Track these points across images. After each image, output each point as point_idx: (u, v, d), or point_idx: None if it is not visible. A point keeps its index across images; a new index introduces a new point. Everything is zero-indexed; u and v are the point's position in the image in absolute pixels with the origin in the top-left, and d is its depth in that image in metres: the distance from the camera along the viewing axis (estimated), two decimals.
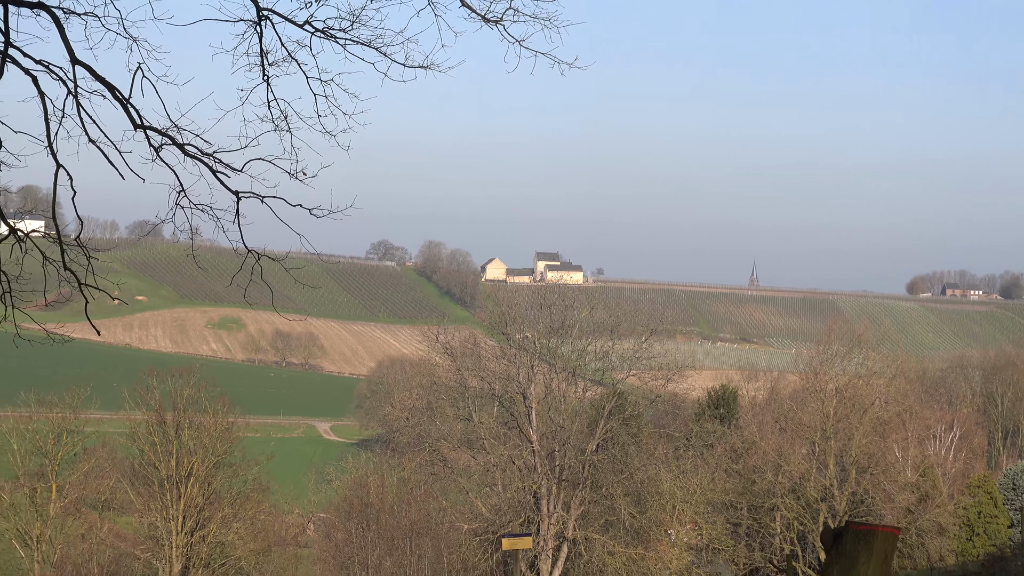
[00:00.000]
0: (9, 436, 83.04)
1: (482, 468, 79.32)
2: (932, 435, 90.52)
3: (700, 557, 78.06)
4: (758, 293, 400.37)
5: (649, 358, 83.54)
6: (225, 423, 78.43)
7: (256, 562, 76.78)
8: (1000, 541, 72.88)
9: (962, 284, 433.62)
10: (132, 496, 78.34)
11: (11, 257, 13.67)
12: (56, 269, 13.79)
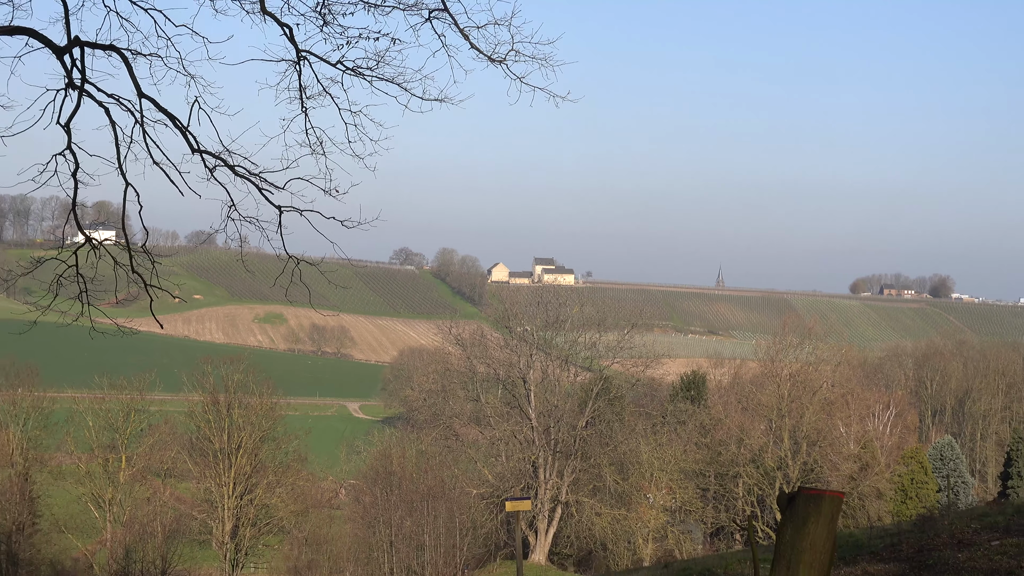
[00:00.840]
0: (85, 414, 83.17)
1: (488, 442, 79.39)
2: (871, 413, 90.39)
3: (674, 517, 78.04)
4: (723, 293, 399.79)
5: (630, 348, 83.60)
6: (269, 403, 78.51)
7: (295, 521, 76.83)
8: (929, 504, 72.70)
9: (897, 285, 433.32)
10: (190, 465, 78.37)
11: (87, 262, 13.69)
12: (125, 272, 13.80)
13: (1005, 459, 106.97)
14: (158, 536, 71.45)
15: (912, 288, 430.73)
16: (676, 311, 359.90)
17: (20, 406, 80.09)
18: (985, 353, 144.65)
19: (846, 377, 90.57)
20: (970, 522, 22.49)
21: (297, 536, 76.14)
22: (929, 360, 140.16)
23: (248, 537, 75.25)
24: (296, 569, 73.94)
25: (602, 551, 76.00)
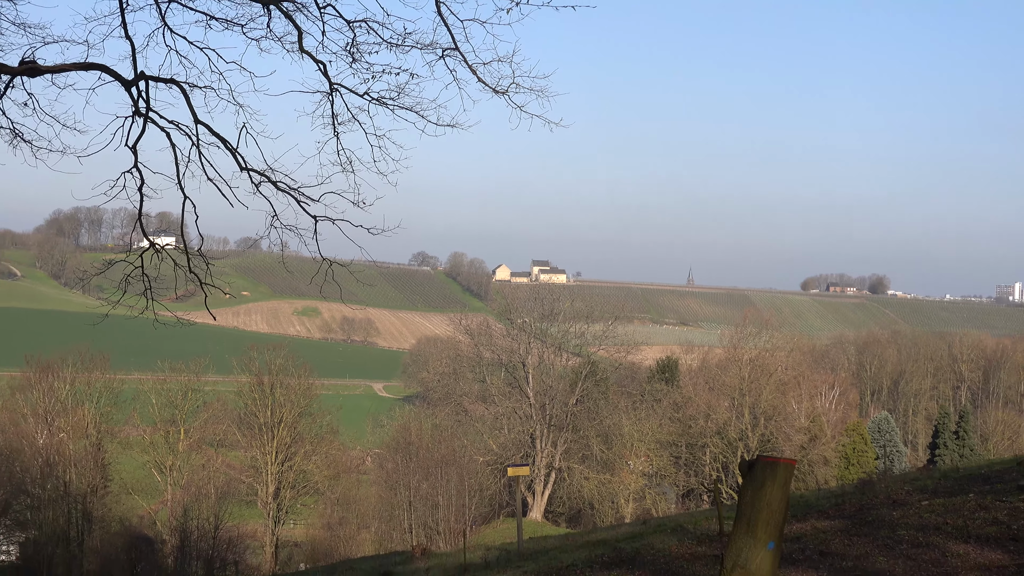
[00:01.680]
0: (149, 393, 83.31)
1: (493, 416, 79.51)
2: (819, 393, 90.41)
3: (651, 481, 78.18)
4: (693, 290, 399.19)
5: (614, 337, 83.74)
6: (306, 384, 78.53)
7: (328, 484, 76.89)
8: (868, 469, 72.78)
9: (841, 283, 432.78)
10: (239, 437, 78.43)
11: (151, 264, 13.73)
12: (183, 272, 13.84)
13: (933, 432, 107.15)
14: (211, 497, 71.51)
15: (854, 286, 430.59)
16: (652, 305, 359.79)
17: (94, 386, 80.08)
18: (916, 341, 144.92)
19: (797, 362, 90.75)
20: (903, 485, 22.49)
21: (330, 497, 76.28)
22: (868, 347, 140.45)
23: (288, 498, 75.31)
24: (329, 525, 74.02)
25: (590, 510, 76.18)
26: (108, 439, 77.59)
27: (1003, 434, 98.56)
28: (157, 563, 69.47)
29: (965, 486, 20.73)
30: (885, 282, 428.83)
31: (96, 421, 77.13)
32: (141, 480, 78.69)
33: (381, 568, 30.33)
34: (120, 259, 13.96)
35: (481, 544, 38.92)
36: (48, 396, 77.09)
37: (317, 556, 67.68)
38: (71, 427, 75.32)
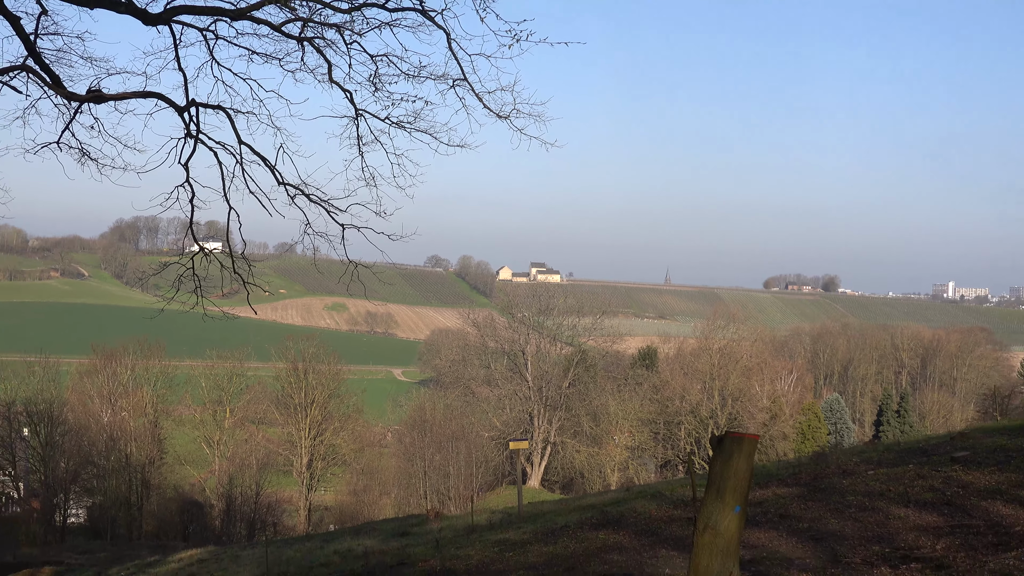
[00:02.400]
0: (199, 377, 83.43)
1: (496, 398, 79.54)
2: (779, 377, 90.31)
3: (633, 453, 78.20)
4: (670, 288, 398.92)
5: (601, 328, 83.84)
6: (334, 369, 78.64)
7: (354, 456, 76.93)
8: (821, 443, 72.71)
9: (798, 282, 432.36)
10: (276, 415, 78.46)
11: (201, 265, 13.74)
12: (229, 273, 13.85)
13: (877, 411, 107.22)
14: (253, 467, 71.59)
15: (809, 284, 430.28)
16: (635, 301, 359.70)
17: (151, 371, 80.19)
18: (863, 333, 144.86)
19: (760, 350, 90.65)
20: (852, 457, 22.50)
21: (355, 467, 76.36)
22: (821, 338, 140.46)
23: (319, 468, 75.45)
24: (355, 492, 74.10)
25: (580, 478, 76.20)
26: (163, 417, 77.78)
27: (938, 413, 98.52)
28: (206, 524, 69.64)
29: (905, 458, 20.75)
30: (836, 281, 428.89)
31: (153, 401, 77.27)
32: (192, 453, 78.84)
33: (400, 529, 30.31)
34: (174, 261, 14.01)
35: (486, 508, 38.93)
36: (111, 380, 77.19)
37: (344, 518, 67.74)
38: (131, 407, 75.42)
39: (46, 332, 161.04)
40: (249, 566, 26.23)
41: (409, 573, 18.07)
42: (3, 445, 66.90)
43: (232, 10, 12.50)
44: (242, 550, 34.08)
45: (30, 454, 68.09)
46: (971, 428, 27.05)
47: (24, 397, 69.12)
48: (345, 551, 24.96)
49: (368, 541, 27.02)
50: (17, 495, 67.61)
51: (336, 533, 36.83)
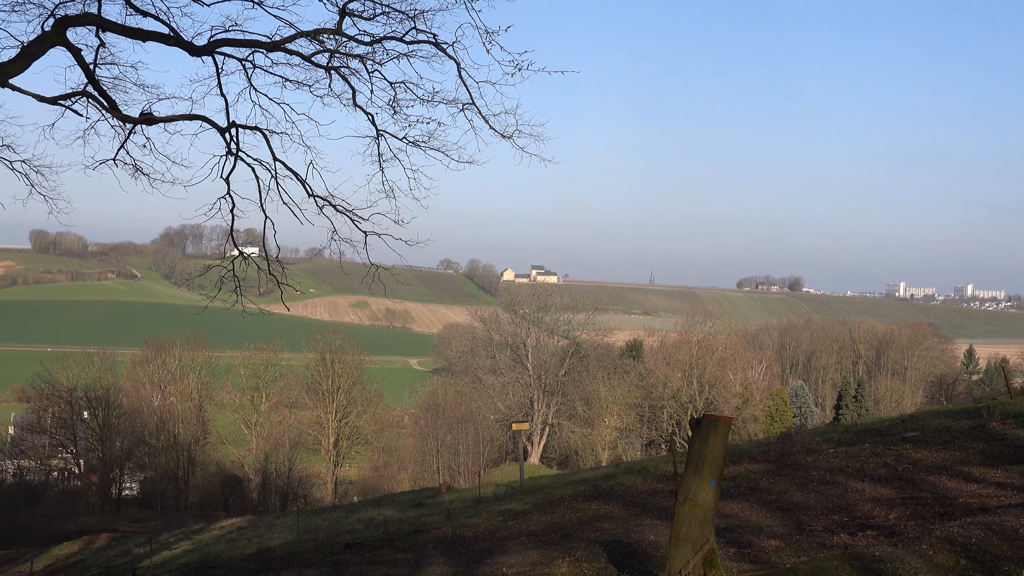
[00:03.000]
0: (239, 366, 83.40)
1: (501, 385, 79.48)
2: (750, 366, 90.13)
3: (621, 434, 78.15)
4: (654, 288, 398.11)
5: (593, 323, 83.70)
6: (358, 359, 78.61)
7: (375, 436, 76.87)
8: (788, 425, 72.57)
9: (768, 282, 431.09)
10: (307, 400, 78.46)
11: (240, 268, 13.75)
12: (265, 274, 13.87)
13: (837, 396, 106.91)
14: (286, 446, 71.63)
15: (777, 284, 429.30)
16: (623, 299, 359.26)
17: (196, 361, 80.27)
18: (824, 327, 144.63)
19: (733, 343, 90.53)
20: (814, 437, 22.49)
21: (376, 446, 76.37)
22: (788, 332, 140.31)
23: (344, 446, 75.43)
24: (376, 467, 74.13)
25: (575, 455, 76.15)
26: (207, 401, 77.83)
27: (891, 398, 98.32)
28: (244, 496, 69.70)
29: (862, 438, 20.75)
30: (801, 282, 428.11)
31: (198, 388, 77.35)
32: (232, 433, 78.90)
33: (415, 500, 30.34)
34: (216, 264, 14.01)
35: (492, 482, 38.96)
36: (161, 369, 77.31)
37: (367, 491, 67.77)
38: (179, 393, 75.53)
39: (103, 327, 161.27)
40: (283, 533, 26.27)
41: (424, 539, 18.07)
42: (66, 426, 67.00)
43: (268, 42, 12.54)
44: (276, 519, 34.12)
45: (89, 434, 68.20)
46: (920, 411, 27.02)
47: (84, 384, 69.27)
48: (367, 520, 25.00)
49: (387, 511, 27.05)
50: (78, 470, 67.71)
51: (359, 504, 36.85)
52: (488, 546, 16.02)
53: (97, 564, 27.74)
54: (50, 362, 72.35)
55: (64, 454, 67.49)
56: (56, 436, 66.79)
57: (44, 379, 69.56)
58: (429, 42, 12.58)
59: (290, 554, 19.65)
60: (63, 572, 26.92)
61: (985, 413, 20.31)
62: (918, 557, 10.14)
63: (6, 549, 39.45)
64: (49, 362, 72.39)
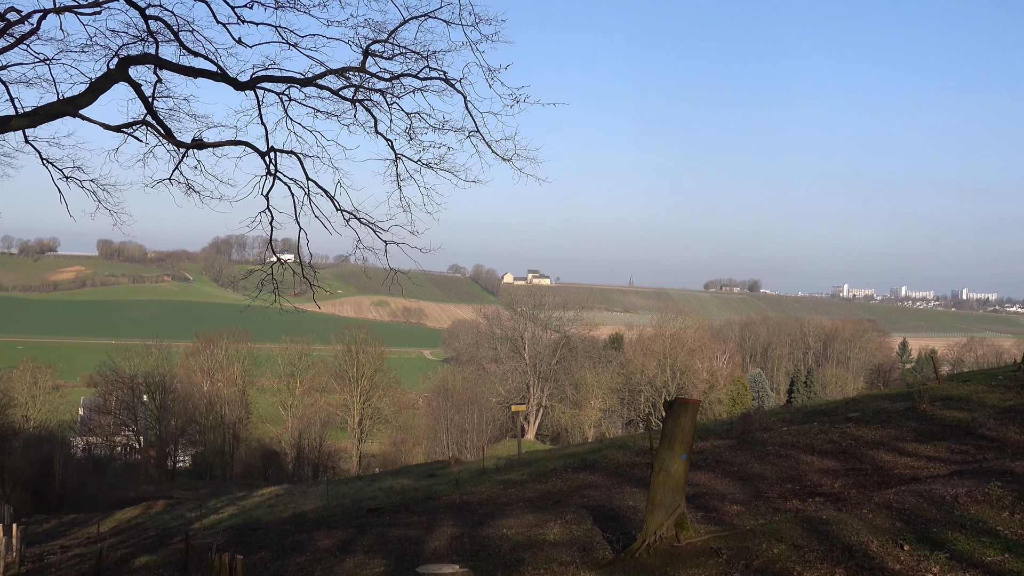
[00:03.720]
0: (277, 356, 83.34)
1: (501, 372, 79.49)
2: (715, 356, 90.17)
3: (605, 414, 78.16)
4: (633, 289, 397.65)
5: (581, 320, 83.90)
6: (379, 350, 78.60)
7: (394, 416, 76.69)
8: (747, 407, 72.59)
9: (730, 284, 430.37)
10: (335, 385, 78.40)
11: (278, 272, 13.76)
12: (298, 277, 13.88)
13: (790, 382, 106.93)
14: (317, 425, 71.72)
15: (738, 286, 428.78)
16: (606, 299, 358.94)
17: (240, 352, 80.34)
18: (779, 323, 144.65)
19: (701, 336, 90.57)
20: (770, 417, 22.49)
21: (395, 424, 76.29)
22: (747, 327, 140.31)
23: (367, 425, 75.37)
24: (394, 443, 74.06)
25: (565, 433, 76.12)
26: (249, 386, 77.84)
27: (836, 384, 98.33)
28: (281, 468, 69.69)
29: (811, 417, 20.75)
30: (759, 284, 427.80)
31: (242, 375, 77.38)
32: (271, 414, 78.93)
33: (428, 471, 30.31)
34: (257, 269, 14.05)
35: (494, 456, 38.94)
36: (210, 358, 77.30)
37: (386, 463, 67.83)
38: (225, 379, 75.49)
39: (160, 323, 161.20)
40: (314, 499, 26.23)
41: (435, 505, 18.06)
42: (128, 408, 67.00)
43: (301, 79, 12.59)
44: (309, 487, 34.09)
45: (148, 415, 68.21)
46: (861, 395, 27.02)
47: (144, 372, 69.27)
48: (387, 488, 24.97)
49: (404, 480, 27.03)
50: (138, 446, 67.71)
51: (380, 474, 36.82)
52: (491, 511, 16.03)
53: (155, 526, 27.71)
54: (114, 353, 72.39)
55: (126, 432, 67.50)
56: (119, 416, 66.81)
57: (109, 367, 69.60)
58: (440, 78, 12.63)
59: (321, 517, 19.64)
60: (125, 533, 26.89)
61: (917, 396, 20.32)
62: (859, 520, 10.15)
63: (77, 512, 39.43)
64: (114, 353, 72.43)
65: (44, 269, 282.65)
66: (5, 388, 61.20)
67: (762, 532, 10.24)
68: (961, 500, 10.48)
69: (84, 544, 24.89)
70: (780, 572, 8.90)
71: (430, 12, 11.91)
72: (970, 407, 17.99)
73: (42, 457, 50.61)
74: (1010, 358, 59.30)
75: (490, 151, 12.99)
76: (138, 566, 17.56)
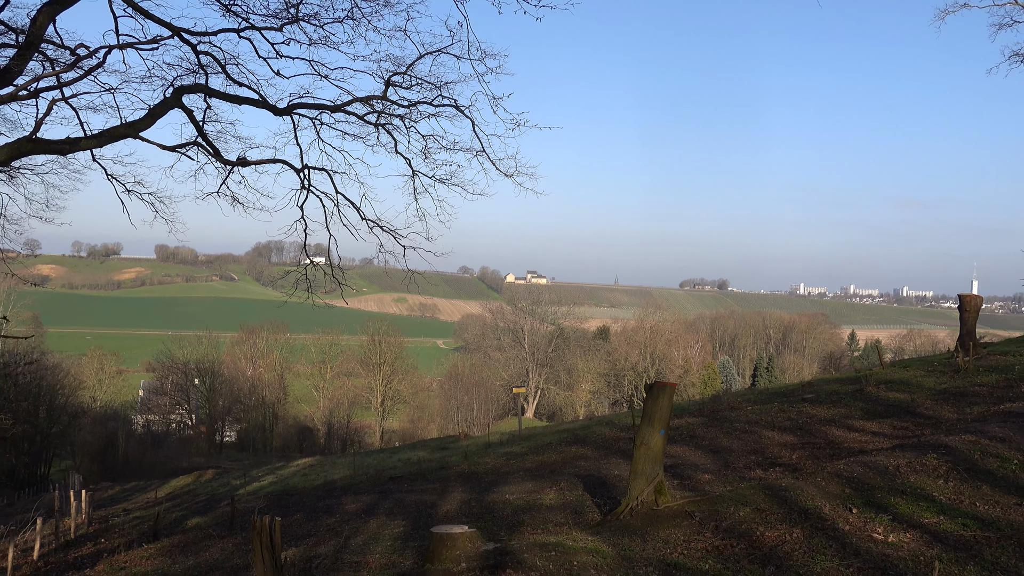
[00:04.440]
0: (310, 345, 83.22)
1: (504, 359, 79.34)
2: (689, 346, 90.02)
3: (593, 396, 78.07)
4: (618, 287, 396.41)
5: (573, 314, 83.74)
6: (398, 340, 78.44)
7: (412, 397, 76.54)
8: (717, 389, 72.50)
9: (702, 283, 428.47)
10: (360, 370, 78.27)
11: (311, 273, 13.76)
12: (328, 277, 13.88)
13: (754, 368, 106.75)
14: (345, 405, 71.70)
15: (710, 285, 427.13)
16: (595, 296, 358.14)
17: (279, 341, 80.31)
18: (744, 317, 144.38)
19: (676, 328, 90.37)
20: (737, 398, 22.46)
21: (412, 404, 76.22)
22: (717, 320, 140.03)
23: (388, 405, 75.26)
24: (412, 420, 73.98)
25: (559, 411, 75.98)
26: (286, 371, 77.83)
27: (793, 369, 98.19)
28: (314, 442, 69.75)
29: (772, 399, 20.73)
30: (727, 282, 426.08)
31: (280, 361, 77.39)
32: (305, 395, 78.94)
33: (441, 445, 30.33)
34: (293, 270, 14.03)
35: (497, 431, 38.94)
36: (252, 347, 77.30)
37: (405, 437, 67.86)
38: (265, 365, 75.51)
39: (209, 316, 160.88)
40: (342, 469, 26.25)
41: (447, 474, 18.07)
42: (181, 390, 67.09)
43: (331, 105, 12.60)
44: (338, 458, 34.11)
45: (199, 396, 68.29)
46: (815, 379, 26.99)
47: (195, 359, 69.33)
48: (406, 459, 24.98)
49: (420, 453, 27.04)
50: (190, 423, 67.82)
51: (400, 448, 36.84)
52: (495, 479, 16.03)
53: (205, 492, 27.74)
54: (170, 343, 72.44)
55: (180, 410, 67.61)
56: (174, 397, 66.91)
57: (165, 355, 69.67)
58: (451, 105, 12.60)
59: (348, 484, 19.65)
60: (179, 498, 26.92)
61: (863, 380, 20.29)
62: (814, 487, 10.14)
63: (137, 480, 39.49)
64: (169, 343, 72.47)
65: (109, 270, 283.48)
66: (76, 373, 61.28)
67: (730, 497, 10.24)
68: (902, 470, 10.48)
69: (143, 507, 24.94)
70: (745, 532, 8.90)
71: (443, 48, 11.90)
72: (910, 389, 17.96)
73: (107, 432, 50.72)
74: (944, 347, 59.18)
75: (494, 168, 12.97)
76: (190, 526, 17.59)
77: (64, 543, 18.22)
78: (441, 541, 8.25)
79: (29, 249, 17.18)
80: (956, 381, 17.88)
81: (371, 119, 12.95)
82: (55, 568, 14.91)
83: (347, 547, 11.55)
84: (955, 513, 8.86)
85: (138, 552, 14.80)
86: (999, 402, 14.71)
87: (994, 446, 11.02)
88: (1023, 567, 7.42)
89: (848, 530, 8.61)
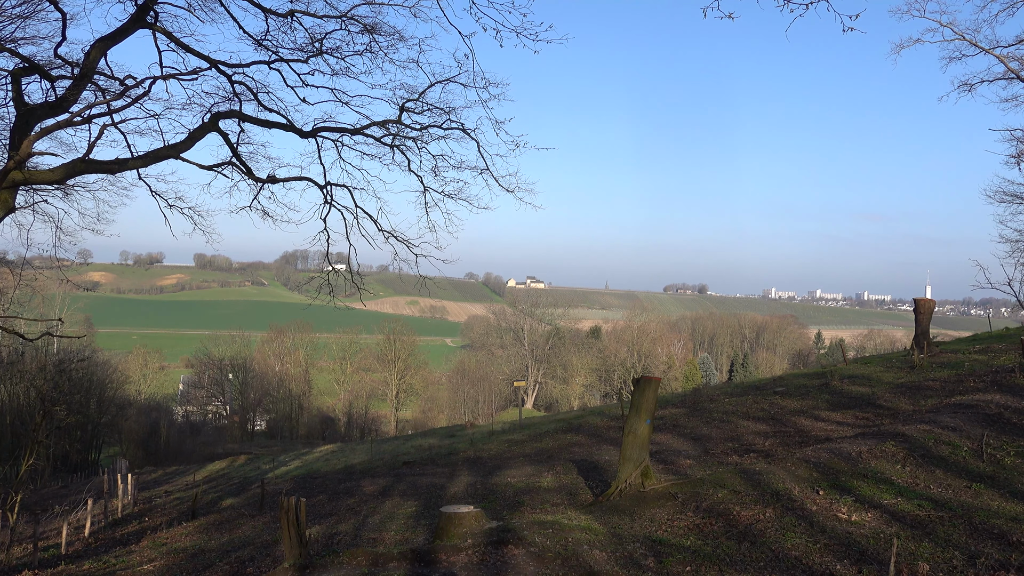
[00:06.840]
0: (332, 343, 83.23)
1: (506, 356, 79.21)
2: (672, 344, 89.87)
3: (586, 389, 77.84)
4: (609, 291, 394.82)
5: (568, 315, 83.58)
6: (411, 339, 78.34)
7: (423, 390, 76.45)
8: (697, 383, 72.37)
9: (684, 287, 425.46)
10: (377, 366, 78.19)
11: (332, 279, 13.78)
12: (349, 283, 13.90)
13: (730, 364, 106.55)
14: (363, 397, 71.57)
15: (691, 289, 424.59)
16: (588, 299, 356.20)
17: (304, 340, 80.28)
18: (722, 318, 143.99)
19: (661, 328, 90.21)
20: (715, 391, 22.41)
21: (423, 396, 76.10)
22: (698, 321, 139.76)
23: (402, 397, 75.13)
24: (423, 411, 73.85)
25: (556, 403, 75.83)
26: (311, 367, 77.78)
27: (766, 365, 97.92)
28: (335, 430, 69.69)
29: (747, 392, 20.68)
30: (707, 287, 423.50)
31: (305, 358, 77.33)
32: (328, 388, 78.85)
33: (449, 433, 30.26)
34: (317, 276, 14.06)
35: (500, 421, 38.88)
36: (281, 345, 77.26)
37: (417, 426, 67.73)
38: (292, 361, 75.43)
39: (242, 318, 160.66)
40: (361, 454, 26.21)
41: (455, 459, 18.02)
42: (217, 384, 67.05)
43: (352, 129, 12.65)
44: (357, 445, 34.06)
45: (232, 389, 68.24)
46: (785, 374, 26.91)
47: (229, 356, 69.32)
48: (418, 445, 24.92)
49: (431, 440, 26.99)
50: (225, 413, 67.75)
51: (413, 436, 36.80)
52: (498, 463, 16.00)
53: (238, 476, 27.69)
54: (207, 341, 72.49)
55: (216, 402, 67.57)
56: (210, 390, 66.88)
57: (203, 352, 69.69)
58: (458, 128, 12.63)
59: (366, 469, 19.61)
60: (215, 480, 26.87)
61: (829, 375, 20.24)
62: (784, 471, 10.11)
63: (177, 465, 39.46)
64: (206, 341, 72.52)
65: (152, 276, 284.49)
66: (123, 369, 61.35)
67: (709, 480, 10.21)
68: (864, 456, 10.45)
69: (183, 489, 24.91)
70: (723, 512, 8.88)
71: (451, 77, 11.95)
72: (870, 383, 17.92)
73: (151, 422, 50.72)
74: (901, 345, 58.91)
75: (497, 184, 12.98)
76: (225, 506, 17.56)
77: (112, 522, 18.21)
78: (450, 520, 8.24)
79: (82, 258, 17.27)
80: (912, 376, 17.83)
81: (387, 141, 12.99)
82: (104, 544, 14.89)
83: (365, 525, 11.54)
84: (911, 495, 8.84)
85: (178, 529, 14.79)
86: (950, 395, 14.67)
87: (946, 435, 10.99)
88: (973, 543, 7.39)
89: (815, 510, 8.59)
